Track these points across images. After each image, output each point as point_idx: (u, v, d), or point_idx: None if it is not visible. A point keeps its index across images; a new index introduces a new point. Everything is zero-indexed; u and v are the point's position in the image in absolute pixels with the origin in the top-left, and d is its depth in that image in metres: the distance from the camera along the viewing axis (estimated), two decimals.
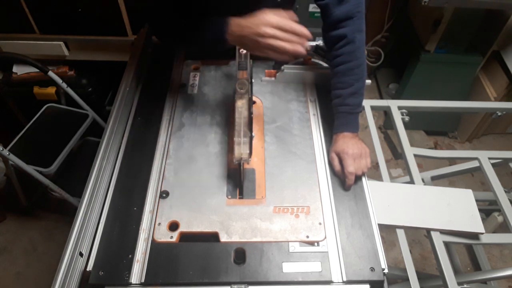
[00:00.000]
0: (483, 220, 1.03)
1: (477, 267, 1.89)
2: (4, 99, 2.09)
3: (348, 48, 0.96)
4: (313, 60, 1.20)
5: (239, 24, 0.86)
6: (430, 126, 2.51)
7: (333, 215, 0.88)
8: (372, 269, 0.80)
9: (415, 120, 1.34)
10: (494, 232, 1.50)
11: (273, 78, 1.18)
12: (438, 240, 0.98)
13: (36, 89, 2.00)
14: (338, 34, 0.96)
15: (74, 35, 1.91)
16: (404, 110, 1.31)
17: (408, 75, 2.31)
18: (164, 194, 0.91)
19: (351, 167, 0.92)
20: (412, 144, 1.22)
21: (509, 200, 1.10)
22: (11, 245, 1.98)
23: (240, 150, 0.87)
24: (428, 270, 1.91)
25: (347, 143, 0.95)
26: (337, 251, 0.82)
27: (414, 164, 1.18)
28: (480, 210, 1.02)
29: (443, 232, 0.99)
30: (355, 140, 0.96)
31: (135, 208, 0.88)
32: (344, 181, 0.93)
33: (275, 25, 0.82)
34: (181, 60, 1.25)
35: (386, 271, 0.80)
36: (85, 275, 0.79)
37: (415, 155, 1.20)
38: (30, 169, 1.53)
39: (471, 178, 2.31)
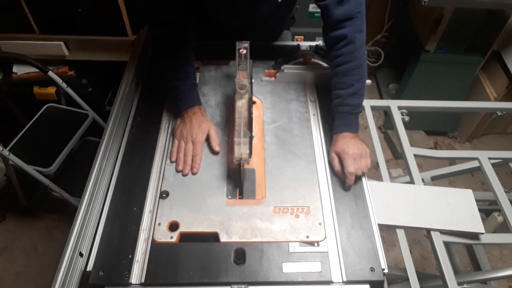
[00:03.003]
0: (483, 220, 1.02)
1: (477, 267, 1.89)
2: (4, 99, 2.09)
3: (348, 48, 0.96)
4: (313, 60, 1.20)
5: (183, 118, 1.03)
6: (430, 126, 2.51)
7: (333, 215, 0.88)
8: (372, 269, 0.80)
9: (415, 120, 1.34)
10: (494, 232, 1.50)
11: (273, 78, 1.18)
12: (438, 240, 0.98)
13: (36, 89, 2.00)
14: (339, 35, 0.96)
15: (74, 35, 1.91)
16: (404, 110, 1.31)
17: (408, 75, 2.31)
18: (164, 194, 0.91)
19: (351, 167, 0.92)
20: (412, 144, 1.22)
21: (509, 200, 1.10)
22: (11, 245, 1.98)
23: (240, 150, 0.87)
24: (428, 270, 1.91)
25: (347, 143, 0.95)
26: (337, 251, 0.82)
27: (414, 164, 1.18)
28: (480, 210, 1.02)
29: (443, 232, 0.99)
30: (355, 140, 0.96)
31: (135, 208, 0.88)
32: (344, 181, 0.93)
33: (188, 145, 0.99)
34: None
35: (386, 271, 0.80)
36: (85, 275, 0.79)
37: (415, 155, 1.20)
38: (30, 169, 1.53)
39: (471, 178, 2.31)
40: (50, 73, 1.70)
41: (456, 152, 1.34)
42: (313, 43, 1.29)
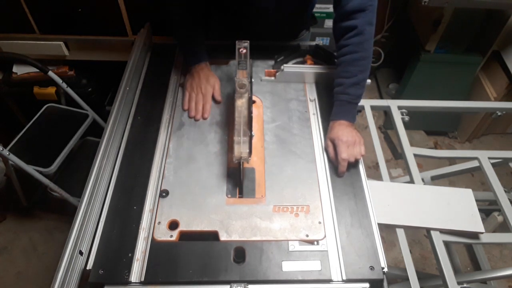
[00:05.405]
0: (483, 220, 1.03)
1: (477, 267, 1.89)
2: (4, 99, 2.09)
3: (357, 39, 0.98)
4: (313, 59, 1.20)
5: (192, 73, 1.14)
6: (430, 126, 2.51)
7: (333, 214, 0.88)
8: (372, 268, 0.80)
9: (415, 120, 1.34)
10: (494, 231, 1.50)
11: (273, 78, 1.19)
12: (438, 240, 0.98)
13: (36, 89, 2.00)
14: (349, 25, 0.98)
15: (74, 35, 1.91)
16: (404, 110, 1.31)
17: (408, 75, 2.31)
18: (164, 193, 0.91)
19: (344, 154, 0.93)
20: (412, 144, 1.22)
21: (509, 200, 1.10)
22: (11, 245, 1.98)
23: (240, 149, 0.87)
24: (428, 270, 1.91)
25: (343, 130, 0.97)
26: (337, 250, 0.82)
27: (414, 164, 1.18)
28: (480, 210, 1.02)
29: (443, 231, 0.99)
30: (350, 128, 0.98)
31: (135, 207, 0.88)
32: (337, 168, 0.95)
33: (198, 96, 1.10)
34: (181, 60, 1.25)
35: (385, 270, 0.80)
36: (85, 273, 0.79)
37: (415, 155, 1.20)
38: (30, 169, 1.53)
39: (471, 178, 2.31)
40: (50, 73, 1.70)
41: (456, 152, 1.34)
42: (313, 43, 1.29)
